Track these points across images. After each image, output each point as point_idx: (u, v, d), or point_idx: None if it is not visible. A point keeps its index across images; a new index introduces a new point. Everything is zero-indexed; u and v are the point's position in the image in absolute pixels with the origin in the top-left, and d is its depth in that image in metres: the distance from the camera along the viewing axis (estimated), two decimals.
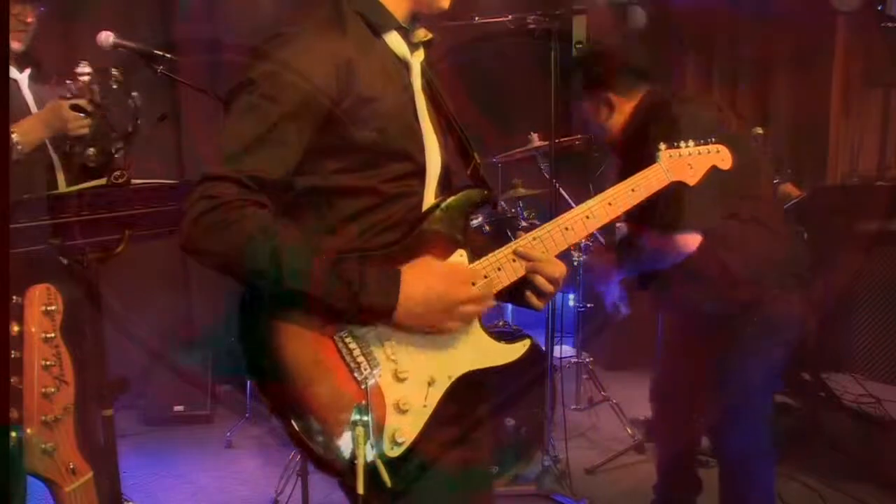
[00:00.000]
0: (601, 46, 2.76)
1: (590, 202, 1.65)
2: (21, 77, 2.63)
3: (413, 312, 1.42)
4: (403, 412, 1.44)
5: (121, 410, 3.90)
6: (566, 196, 4.03)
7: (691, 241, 2.29)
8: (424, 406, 1.46)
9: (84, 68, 2.46)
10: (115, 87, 2.38)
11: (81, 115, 2.34)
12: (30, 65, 2.67)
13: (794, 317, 2.43)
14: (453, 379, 1.50)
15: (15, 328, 1.15)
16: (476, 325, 1.54)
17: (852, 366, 4.23)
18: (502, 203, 3.92)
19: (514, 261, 1.56)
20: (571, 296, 4.72)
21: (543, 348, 3.35)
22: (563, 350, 4.47)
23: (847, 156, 5.17)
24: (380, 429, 1.41)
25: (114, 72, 2.39)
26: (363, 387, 1.41)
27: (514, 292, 1.61)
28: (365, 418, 1.33)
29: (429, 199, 1.55)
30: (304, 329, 1.41)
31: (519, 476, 3.41)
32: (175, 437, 4.15)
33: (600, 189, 1.73)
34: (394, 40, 1.55)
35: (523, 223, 3.66)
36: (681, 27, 5.33)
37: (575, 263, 4.28)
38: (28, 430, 1.16)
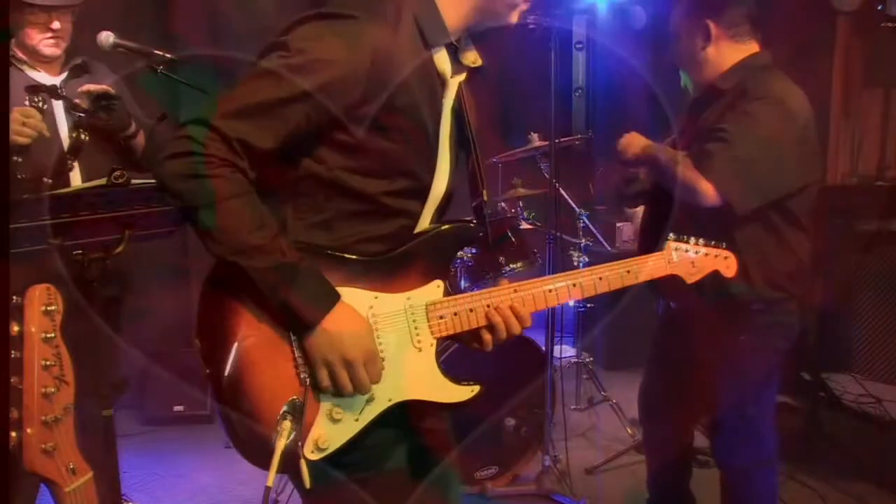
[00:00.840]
0: None
1: (581, 271, 1.66)
2: (54, 82, 2.62)
3: (318, 340, 1.40)
4: (335, 421, 1.43)
5: (121, 410, 3.89)
6: (566, 196, 4.03)
7: (712, 197, 2.18)
8: (356, 420, 1.45)
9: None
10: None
11: (23, 122, 2.31)
12: (66, 70, 2.65)
13: (791, 324, 2.39)
14: (392, 402, 1.48)
15: (15, 328, 1.15)
16: (431, 357, 1.52)
17: (852, 366, 4.24)
18: (502, 203, 3.92)
19: (487, 306, 1.54)
20: None
21: (543, 348, 3.35)
22: (563, 350, 4.47)
23: (847, 156, 5.17)
24: (306, 430, 1.40)
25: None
26: (302, 385, 1.40)
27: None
28: (295, 414, 1.31)
29: (424, 222, 1.54)
30: (262, 314, 1.40)
31: (519, 476, 3.41)
32: (175, 437, 4.15)
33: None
34: (440, 56, 1.50)
35: (524, 223, 3.66)
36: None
37: (576, 264, 4.29)
38: (28, 430, 1.16)
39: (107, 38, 2.39)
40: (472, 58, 1.57)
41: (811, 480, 3.37)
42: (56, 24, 2.52)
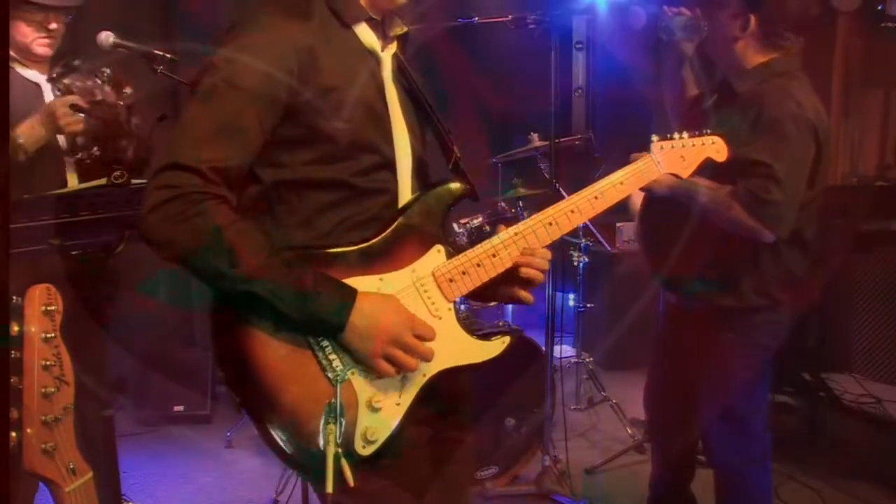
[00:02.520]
0: None
1: (575, 196, 1.63)
2: (44, 81, 2.62)
3: (357, 337, 1.40)
4: (376, 410, 1.43)
5: (121, 410, 3.90)
6: (566, 196, 4.02)
7: (768, 238, 2.20)
8: (398, 404, 1.45)
9: (78, 64, 2.47)
10: (102, 83, 2.38)
11: (74, 111, 2.32)
12: (55, 69, 2.65)
13: (779, 322, 2.39)
14: (428, 377, 1.48)
15: (15, 328, 1.15)
16: (453, 320, 1.52)
17: (852, 366, 4.24)
18: (502, 203, 3.92)
19: (493, 256, 1.53)
20: (571, 296, 4.71)
21: (543, 348, 3.35)
22: (563, 350, 4.47)
23: (847, 156, 5.18)
24: (352, 427, 1.40)
25: (104, 70, 2.39)
26: (334, 385, 1.39)
27: (498, 288, 1.59)
28: (335, 416, 1.31)
29: (405, 194, 1.54)
30: (276, 326, 1.40)
31: (519, 476, 3.41)
32: (175, 437, 4.14)
33: None
34: (363, 32, 1.53)
35: None
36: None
37: (575, 263, 4.28)
38: (28, 430, 1.16)
39: (107, 38, 2.39)
40: (398, 29, 1.60)
41: (811, 480, 3.37)
42: (53, 25, 2.52)
